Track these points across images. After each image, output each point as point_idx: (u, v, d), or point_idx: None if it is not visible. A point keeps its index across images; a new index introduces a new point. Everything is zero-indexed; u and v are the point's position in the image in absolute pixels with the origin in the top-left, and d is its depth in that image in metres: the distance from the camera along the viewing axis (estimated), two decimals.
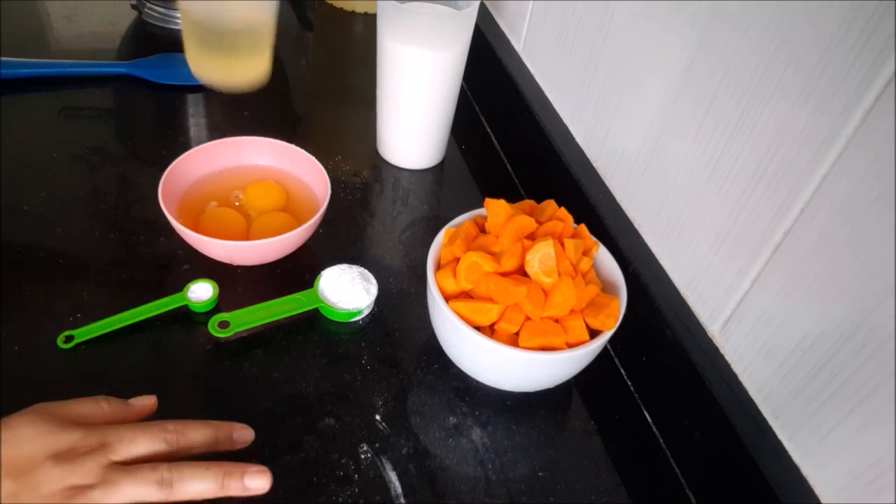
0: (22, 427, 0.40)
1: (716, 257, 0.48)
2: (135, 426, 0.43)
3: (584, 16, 0.62)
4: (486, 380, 0.52)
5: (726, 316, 0.48)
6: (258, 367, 0.53)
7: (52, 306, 0.53)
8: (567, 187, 0.62)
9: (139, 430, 0.42)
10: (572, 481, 0.49)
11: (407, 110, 0.68)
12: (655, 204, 0.54)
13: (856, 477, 0.39)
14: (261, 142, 0.64)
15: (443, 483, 0.48)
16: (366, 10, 0.94)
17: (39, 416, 0.41)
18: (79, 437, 0.40)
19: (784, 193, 0.42)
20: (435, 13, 0.65)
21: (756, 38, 0.42)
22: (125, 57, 0.80)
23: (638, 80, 0.55)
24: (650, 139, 0.54)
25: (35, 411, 0.41)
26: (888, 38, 0.34)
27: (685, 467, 0.50)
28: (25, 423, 0.40)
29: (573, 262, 0.50)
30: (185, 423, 0.44)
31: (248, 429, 0.46)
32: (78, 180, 0.64)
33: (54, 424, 0.40)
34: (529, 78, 0.73)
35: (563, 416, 0.54)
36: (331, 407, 0.51)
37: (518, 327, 0.48)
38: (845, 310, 0.38)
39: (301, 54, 0.88)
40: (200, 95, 0.77)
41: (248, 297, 0.55)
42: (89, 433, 0.41)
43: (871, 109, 0.36)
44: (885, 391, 0.36)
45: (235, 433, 0.45)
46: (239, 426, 0.46)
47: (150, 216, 0.61)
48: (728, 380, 0.47)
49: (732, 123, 0.45)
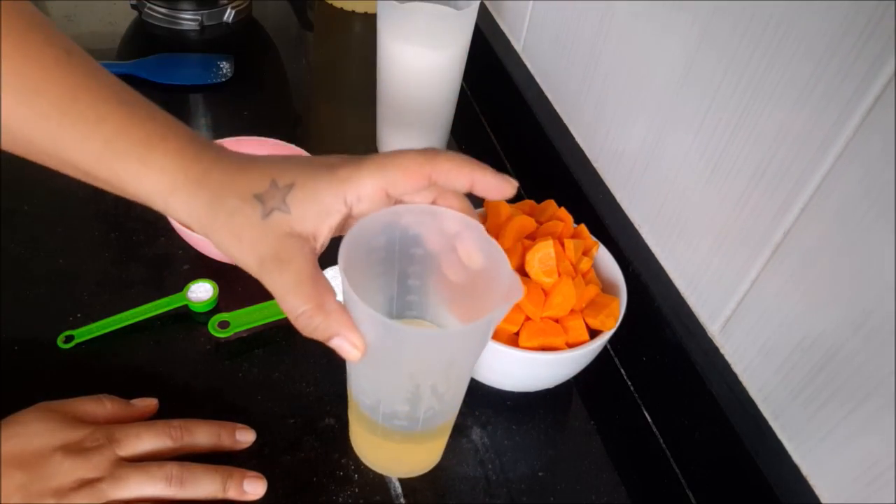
0: (30, 422, 0.40)
1: (716, 257, 0.48)
2: (140, 424, 0.43)
3: (584, 16, 0.61)
4: (485, 379, 0.52)
5: (726, 316, 0.48)
6: (258, 367, 0.52)
7: (52, 306, 0.53)
8: (567, 187, 0.62)
9: (144, 427, 0.43)
10: (572, 481, 0.49)
11: (407, 110, 0.68)
12: (655, 204, 0.54)
13: (856, 477, 0.39)
14: (261, 142, 0.64)
15: (443, 483, 0.48)
16: (366, 10, 0.94)
17: (46, 412, 0.42)
18: (87, 433, 0.41)
19: (784, 193, 0.42)
20: (435, 13, 0.65)
21: (756, 38, 0.42)
22: (125, 57, 0.80)
23: (638, 80, 0.55)
24: (650, 139, 0.54)
25: (40, 408, 0.42)
26: (888, 38, 0.34)
27: (685, 467, 0.50)
28: (33, 418, 0.41)
29: (573, 262, 0.50)
30: (189, 422, 0.44)
31: (250, 430, 0.47)
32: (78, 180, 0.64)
33: (62, 420, 0.41)
34: (529, 78, 0.73)
35: (563, 416, 0.54)
36: (331, 407, 0.51)
37: (518, 327, 0.48)
38: (845, 310, 0.38)
39: (301, 54, 0.88)
40: (200, 95, 0.77)
41: (248, 297, 0.55)
42: (97, 429, 0.41)
43: (871, 109, 0.36)
44: (885, 391, 0.36)
45: (238, 433, 0.46)
46: (241, 427, 0.46)
47: (150, 216, 0.61)
48: (728, 380, 0.47)
49: (732, 123, 0.45)
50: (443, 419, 0.43)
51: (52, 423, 0.41)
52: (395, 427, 0.42)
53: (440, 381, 0.39)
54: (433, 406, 0.41)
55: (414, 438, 0.43)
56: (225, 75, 0.79)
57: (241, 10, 0.89)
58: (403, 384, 0.39)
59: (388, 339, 0.36)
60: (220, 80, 0.78)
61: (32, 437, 0.40)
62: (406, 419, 0.41)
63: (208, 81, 0.78)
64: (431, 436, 0.45)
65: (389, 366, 0.38)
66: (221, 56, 0.81)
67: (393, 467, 0.47)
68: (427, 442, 0.45)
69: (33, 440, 0.39)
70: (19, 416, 0.41)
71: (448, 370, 0.39)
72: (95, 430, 0.41)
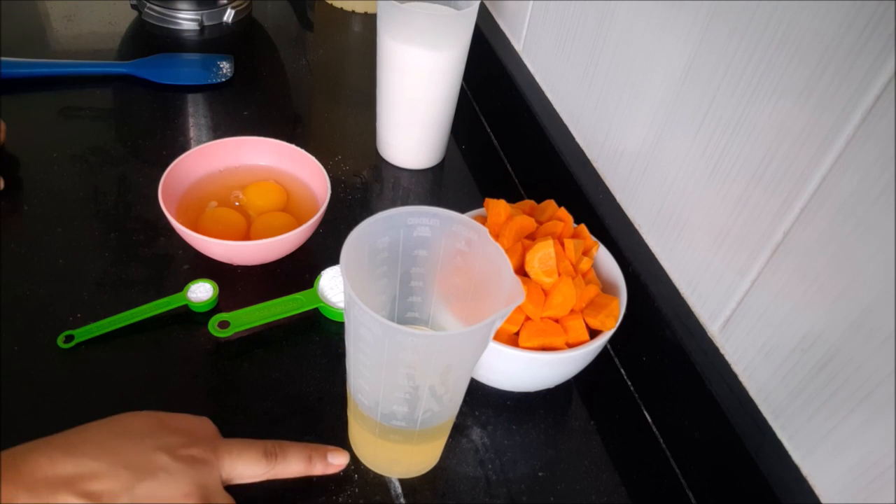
0: (134, 422, 0.41)
1: (716, 257, 0.48)
2: (239, 441, 0.44)
3: (584, 16, 0.62)
4: (485, 380, 0.52)
5: (726, 316, 0.48)
6: (258, 367, 0.53)
7: (52, 306, 0.53)
8: (567, 187, 0.62)
9: (243, 444, 0.44)
10: (572, 481, 0.49)
11: (407, 110, 0.68)
12: (655, 204, 0.54)
13: (856, 477, 0.39)
14: (261, 142, 0.64)
15: (443, 483, 0.48)
16: (366, 10, 0.94)
17: (150, 416, 0.42)
18: (188, 439, 0.41)
19: (784, 193, 0.42)
20: (435, 13, 0.65)
21: (756, 38, 0.42)
22: (125, 57, 0.80)
23: (638, 80, 0.55)
24: (650, 139, 0.54)
25: (143, 412, 0.42)
26: (888, 38, 0.34)
27: (685, 467, 0.50)
28: (137, 419, 0.41)
29: (573, 262, 0.50)
30: (284, 445, 0.45)
31: (343, 452, 0.47)
32: (78, 180, 0.64)
33: (162, 426, 0.42)
34: (529, 78, 0.73)
35: (563, 416, 0.54)
36: (331, 407, 0.51)
37: (518, 327, 0.48)
38: (845, 310, 0.38)
39: (301, 54, 0.88)
40: (200, 95, 0.77)
41: (248, 297, 0.55)
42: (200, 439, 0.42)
43: (871, 109, 0.36)
44: (885, 391, 0.36)
45: (330, 456, 0.46)
46: (333, 449, 0.46)
47: (150, 216, 0.61)
48: (728, 380, 0.47)
49: (732, 123, 0.45)
50: (441, 420, 0.43)
51: (154, 425, 0.41)
52: (393, 427, 0.42)
53: (439, 383, 0.39)
54: (432, 407, 0.41)
55: (412, 439, 0.44)
56: (225, 75, 0.79)
57: (240, 10, 0.89)
58: (402, 385, 0.39)
59: (386, 341, 0.36)
60: (220, 80, 0.78)
61: (141, 438, 0.40)
62: (404, 420, 0.41)
63: (208, 81, 0.78)
64: (430, 436, 0.45)
65: (388, 367, 0.38)
66: (221, 56, 0.81)
67: (392, 467, 0.47)
68: (426, 442, 0.45)
69: (143, 440, 0.40)
70: (119, 416, 0.41)
71: (447, 372, 0.39)
72: (199, 440, 0.42)
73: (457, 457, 0.49)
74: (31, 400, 0.47)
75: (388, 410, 0.41)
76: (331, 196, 0.58)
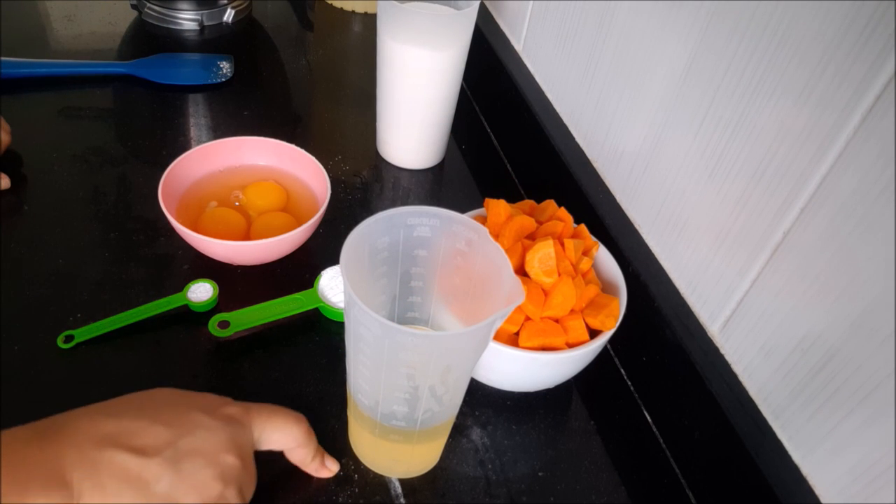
0: (165, 392, 0.42)
1: (716, 257, 0.48)
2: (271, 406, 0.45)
3: (584, 16, 0.62)
4: (485, 380, 0.52)
5: (726, 316, 0.48)
6: (258, 367, 0.53)
7: (52, 306, 0.53)
8: (567, 187, 0.62)
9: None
10: (572, 481, 0.49)
11: (407, 110, 0.68)
12: (655, 204, 0.54)
13: (856, 477, 0.39)
14: (261, 142, 0.64)
15: (443, 483, 0.48)
16: (366, 10, 0.94)
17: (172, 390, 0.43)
18: (222, 402, 0.43)
19: (784, 193, 0.42)
20: (435, 13, 0.65)
21: (756, 38, 0.42)
22: (125, 57, 0.80)
23: (638, 80, 0.55)
24: (650, 139, 0.54)
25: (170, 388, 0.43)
26: (888, 38, 0.34)
27: (685, 467, 0.50)
28: (168, 390, 0.42)
29: (573, 262, 0.50)
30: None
31: (337, 462, 0.47)
32: (78, 180, 0.64)
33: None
34: (529, 78, 0.73)
35: (563, 416, 0.54)
36: (331, 407, 0.51)
37: (518, 327, 0.48)
38: (845, 310, 0.38)
39: (301, 54, 0.88)
40: (200, 95, 0.77)
41: (248, 297, 0.55)
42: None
43: (871, 109, 0.36)
44: (885, 391, 0.36)
45: (328, 460, 0.47)
46: (329, 458, 0.47)
47: (150, 216, 0.61)
48: (728, 380, 0.47)
49: (732, 123, 0.45)
50: (441, 420, 0.43)
51: (185, 394, 0.42)
52: (393, 427, 0.42)
53: (439, 383, 0.39)
54: (431, 408, 0.41)
55: (412, 439, 0.44)
56: (225, 75, 0.79)
57: (240, 10, 0.89)
58: (402, 385, 0.39)
59: (386, 341, 0.36)
60: (220, 80, 0.78)
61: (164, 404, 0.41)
62: (404, 420, 0.41)
63: (208, 81, 0.78)
64: (430, 436, 0.45)
65: (388, 367, 0.38)
66: (221, 56, 0.81)
67: (392, 467, 0.47)
68: (425, 442, 0.45)
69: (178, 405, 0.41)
70: (143, 392, 0.42)
71: (447, 372, 0.39)
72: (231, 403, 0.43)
73: (457, 457, 0.49)
74: (31, 400, 0.47)
75: (388, 410, 0.41)
76: (331, 196, 0.58)
